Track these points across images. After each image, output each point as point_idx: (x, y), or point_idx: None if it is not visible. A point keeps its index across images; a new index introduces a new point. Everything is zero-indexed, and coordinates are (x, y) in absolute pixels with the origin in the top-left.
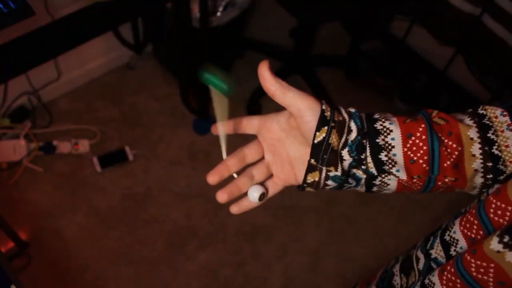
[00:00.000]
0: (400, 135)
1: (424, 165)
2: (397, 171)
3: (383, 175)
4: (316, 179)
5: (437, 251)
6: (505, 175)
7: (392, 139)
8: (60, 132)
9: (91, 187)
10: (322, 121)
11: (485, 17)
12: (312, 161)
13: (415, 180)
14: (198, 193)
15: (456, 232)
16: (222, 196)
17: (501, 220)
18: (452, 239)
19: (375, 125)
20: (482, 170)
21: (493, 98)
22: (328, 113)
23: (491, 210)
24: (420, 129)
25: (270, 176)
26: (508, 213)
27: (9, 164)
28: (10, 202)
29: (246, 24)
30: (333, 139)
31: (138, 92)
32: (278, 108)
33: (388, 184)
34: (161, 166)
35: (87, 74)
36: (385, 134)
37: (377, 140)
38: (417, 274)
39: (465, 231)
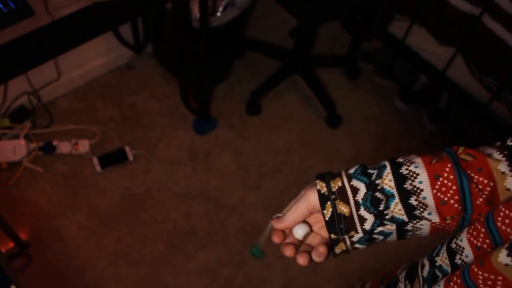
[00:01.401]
0: (428, 178)
1: (456, 205)
2: (429, 214)
3: (414, 221)
4: (344, 248)
5: (442, 259)
6: None
7: (420, 182)
8: (60, 132)
9: (91, 187)
10: (323, 199)
11: (485, 17)
12: (332, 235)
13: (448, 221)
14: (198, 193)
15: (463, 240)
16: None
17: (508, 230)
18: (458, 247)
19: (400, 170)
20: None
21: (492, 98)
22: (324, 190)
23: (499, 219)
24: (447, 169)
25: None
26: None
27: (9, 164)
28: (10, 202)
29: (246, 24)
30: (341, 208)
31: (138, 92)
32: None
33: (421, 229)
34: (161, 166)
35: (87, 74)
36: (412, 178)
37: (405, 186)
38: (421, 281)
39: (472, 239)
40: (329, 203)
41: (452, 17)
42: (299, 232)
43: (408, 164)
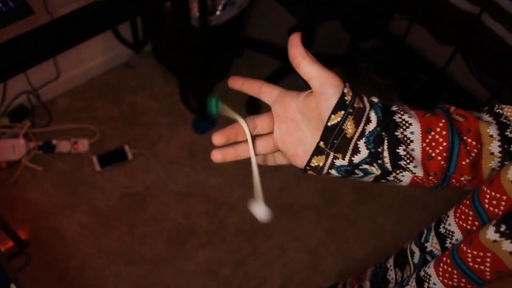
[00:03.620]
0: (420, 129)
1: (442, 162)
2: (414, 167)
3: (397, 171)
4: (321, 164)
5: (432, 244)
6: None
7: (412, 133)
8: (59, 131)
9: (91, 186)
10: (340, 105)
11: (485, 16)
12: (321, 143)
13: (431, 177)
14: (197, 192)
15: (452, 224)
16: (216, 157)
17: (496, 210)
18: (447, 232)
19: (393, 117)
20: (499, 168)
21: (492, 97)
22: (348, 97)
23: (486, 201)
24: (441, 124)
25: (274, 151)
26: (503, 203)
27: (9, 163)
28: (10, 201)
29: (245, 23)
30: (348, 125)
31: (138, 91)
32: None
33: (401, 180)
34: (161, 165)
35: (86, 73)
36: (404, 127)
37: (396, 133)
38: (412, 267)
39: (461, 222)
40: (342, 112)
41: (451, 16)
42: (259, 211)
43: (402, 112)
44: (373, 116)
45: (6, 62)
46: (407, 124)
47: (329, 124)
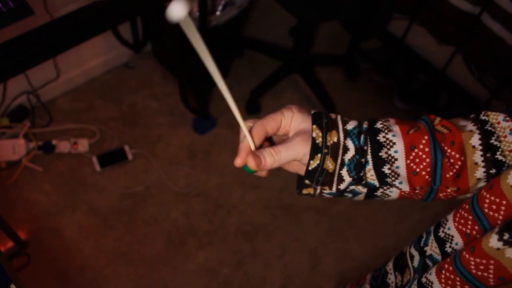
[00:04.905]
0: (404, 148)
1: (427, 177)
2: (400, 183)
3: (385, 187)
4: (311, 192)
5: (432, 248)
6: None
7: (395, 151)
8: (59, 131)
9: (90, 186)
10: (314, 150)
11: (484, 16)
12: (307, 181)
13: (417, 191)
14: (197, 192)
15: (451, 229)
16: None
17: (496, 215)
18: (447, 236)
19: (377, 138)
20: (485, 177)
21: (492, 97)
22: (319, 139)
23: (486, 205)
24: (424, 141)
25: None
26: (503, 207)
27: (8, 164)
28: (10, 202)
29: (245, 23)
30: (328, 163)
31: (137, 91)
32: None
33: (389, 195)
34: (161, 165)
35: (86, 73)
36: (388, 147)
37: (380, 154)
38: (412, 271)
39: (460, 227)
40: (319, 155)
41: (451, 16)
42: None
43: (386, 131)
44: (350, 145)
45: (6, 62)
46: (391, 144)
47: (310, 168)
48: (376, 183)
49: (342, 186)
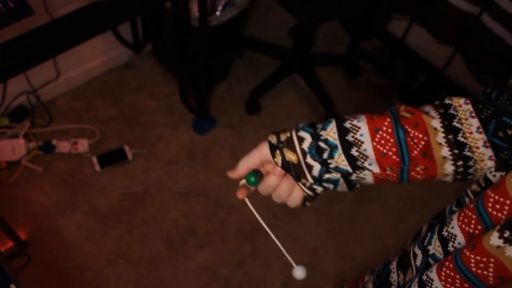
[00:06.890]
0: (368, 131)
1: (394, 157)
2: (370, 164)
3: (357, 171)
4: (305, 195)
5: (435, 247)
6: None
7: (361, 135)
8: (59, 131)
9: (90, 186)
10: (272, 148)
11: (484, 16)
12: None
13: (388, 172)
14: (197, 192)
15: (454, 228)
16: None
17: (499, 215)
18: (450, 235)
19: (344, 124)
20: (450, 157)
21: None
22: (273, 139)
23: (489, 204)
24: (386, 123)
25: None
26: (506, 207)
27: (8, 164)
28: (9, 202)
29: (245, 23)
30: (289, 156)
31: (137, 91)
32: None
33: (365, 179)
34: (160, 165)
35: (86, 73)
36: (354, 131)
37: (347, 138)
38: (415, 270)
39: (463, 226)
40: (277, 151)
41: (451, 16)
42: (298, 272)
43: (351, 119)
44: (304, 135)
45: (6, 62)
46: (356, 128)
47: (279, 165)
48: (349, 168)
49: (314, 173)
